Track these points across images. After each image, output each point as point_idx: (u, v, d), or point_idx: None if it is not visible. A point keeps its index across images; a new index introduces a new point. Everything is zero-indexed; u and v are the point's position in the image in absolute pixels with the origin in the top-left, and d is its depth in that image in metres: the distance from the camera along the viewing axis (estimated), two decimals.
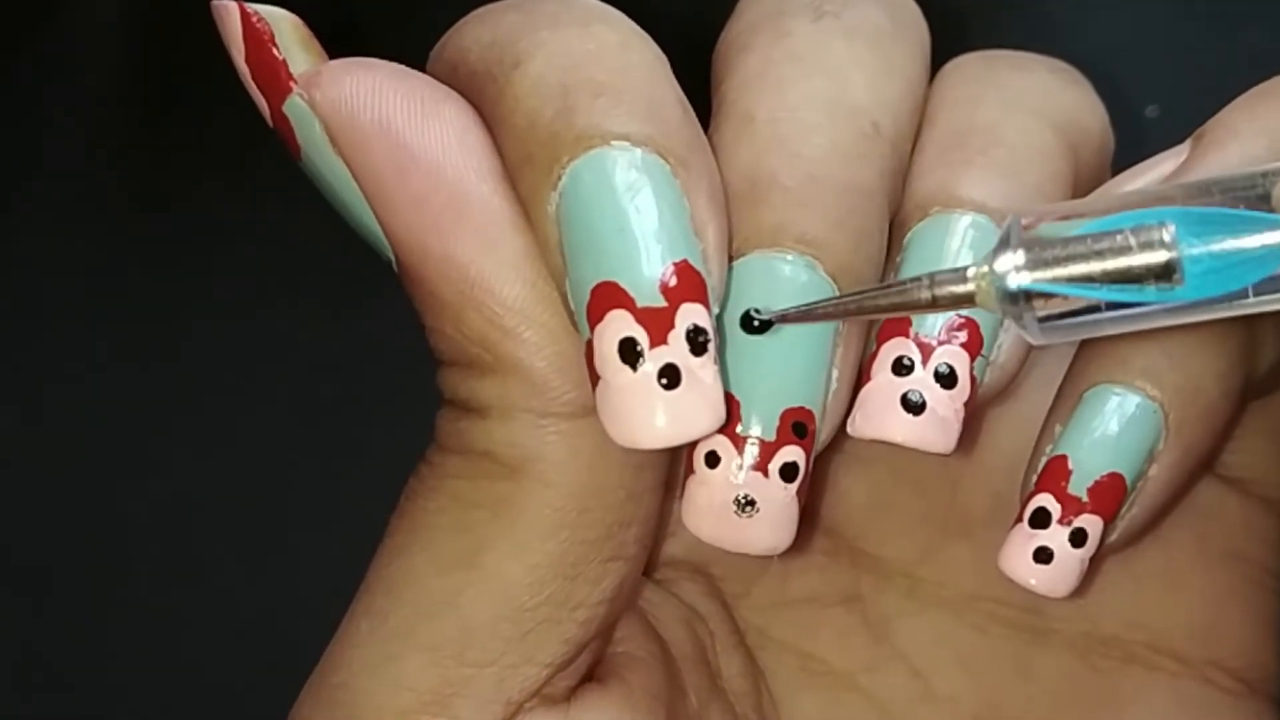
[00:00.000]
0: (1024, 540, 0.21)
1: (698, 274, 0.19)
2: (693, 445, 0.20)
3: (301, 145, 0.20)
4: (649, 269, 0.19)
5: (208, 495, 0.40)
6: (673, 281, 0.19)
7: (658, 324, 0.19)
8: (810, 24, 0.21)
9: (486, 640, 0.20)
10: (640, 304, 0.19)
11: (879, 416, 0.21)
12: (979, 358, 0.21)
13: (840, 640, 0.25)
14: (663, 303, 0.19)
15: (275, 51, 0.20)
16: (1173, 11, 0.42)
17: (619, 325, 0.19)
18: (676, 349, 0.19)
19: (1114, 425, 0.21)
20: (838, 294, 0.20)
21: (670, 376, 0.19)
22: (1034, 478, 0.22)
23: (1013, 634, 0.25)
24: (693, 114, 0.20)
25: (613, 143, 0.19)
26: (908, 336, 0.21)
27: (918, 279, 0.19)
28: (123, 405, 0.41)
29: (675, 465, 0.22)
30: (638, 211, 0.19)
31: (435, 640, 0.20)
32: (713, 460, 0.20)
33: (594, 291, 0.19)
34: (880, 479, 0.25)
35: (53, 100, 0.45)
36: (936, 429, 0.20)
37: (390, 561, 0.21)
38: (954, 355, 0.20)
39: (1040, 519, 0.21)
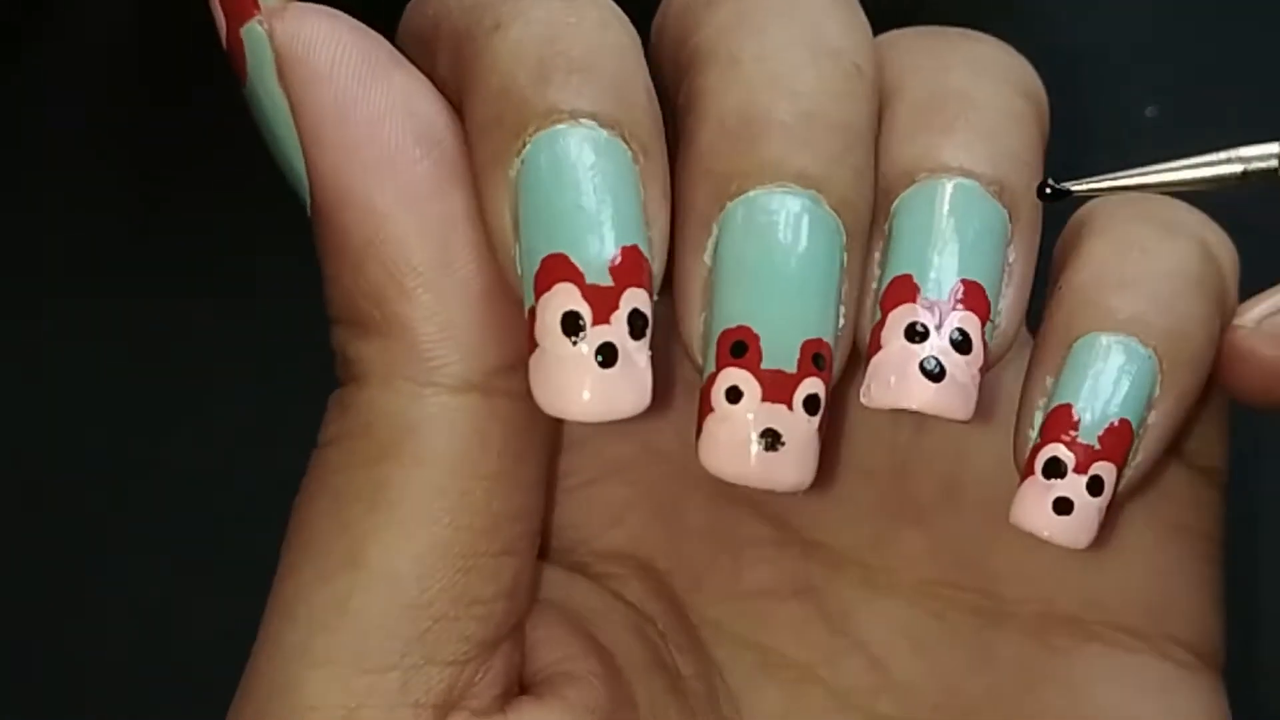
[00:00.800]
0: (1040, 492, 0.21)
1: (645, 260, 0.19)
2: (710, 381, 0.20)
3: (249, 72, 0.20)
4: (601, 248, 0.19)
5: (208, 491, 0.40)
6: (621, 264, 0.19)
7: (603, 302, 0.19)
8: None
9: (382, 643, 0.20)
10: (589, 280, 0.19)
11: (897, 385, 0.20)
12: (987, 323, 0.21)
13: (797, 632, 0.25)
14: (610, 283, 0.19)
15: None
16: (1172, 11, 0.42)
17: (565, 298, 0.19)
18: (617, 329, 0.19)
19: (1113, 372, 0.21)
20: (1148, 168, 0.20)
21: (607, 355, 0.19)
22: (1031, 432, 0.21)
23: (970, 619, 0.25)
24: (657, 103, 0.20)
25: (581, 120, 0.19)
26: (916, 302, 0.20)
27: (1226, 155, 0.19)
28: (122, 404, 0.41)
29: (554, 460, 0.23)
30: (596, 191, 0.19)
31: (331, 653, 0.20)
32: (734, 395, 0.20)
33: (544, 261, 0.19)
34: (826, 467, 0.25)
35: (52, 100, 0.45)
36: (957, 395, 0.20)
37: (280, 584, 0.21)
38: (967, 320, 0.20)
39: (1055, 469, 0.21)
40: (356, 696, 0.20)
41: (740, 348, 0.20)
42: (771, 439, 0.19)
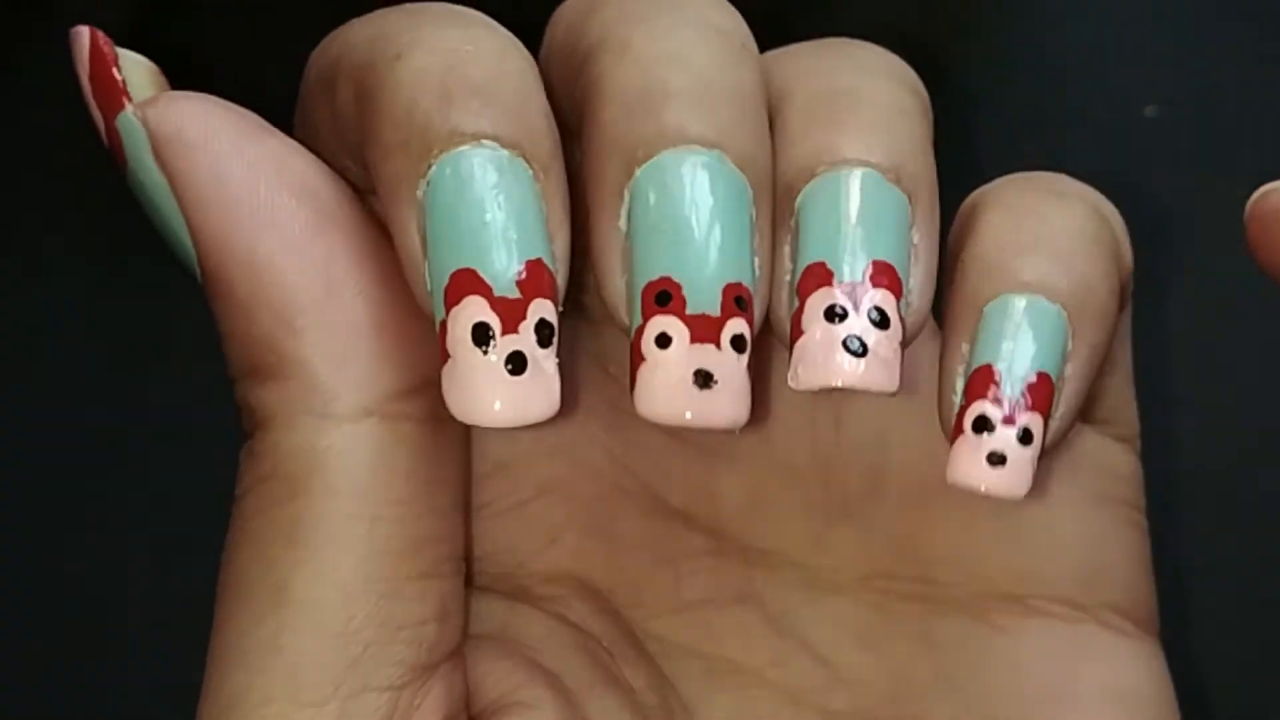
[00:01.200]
0: (972, 448, 0.21)
1: (550, 273, 0.20)
2: (639, 334, 0.20)
3: (128, 158, 0.22)
4: (507, 262, 0.20)
5: (206, 493, 0.40)
6: (527, 277, 0.20)
7: (511, 313, 0.20)
8: None
9: (316, 676, 0.21)
10: (496, 293, 0.20)
11: (822, 365, 0.21)
12: (901, 299, 0.21)
13: (743, 638, 0.25)
14: (517, 295, 0.20)
15: (115, 72, 0.22)
16: (1172, 11, 0.42)
17: (474, 310, 0.20)
18: (525, 339, 0.20)
19: (1026, 329, 0.22)
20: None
21: (516, 363, 0.20)
22: (955, 397, 0.22)
23: (910, 607, 0.25)
24: (554, 125, 0.21)
25: (483, 141, 0.20)
26: (832, 285, 0.21)
27: None
28: (122, 404, 0.41)
29: (466, 483, 0.24)
30: (500, 208, 0.20)
31: (267, 693, 0.21)
32: (664, 341, 0.20)
33: (453, 276, 0.20)
34: (753, 474, 0.25)
35: (51, 100, 0.45)
36: (881, 369, 0.21)
37: (216, 636, 0.21)
38: (882, 298, 0.21)
39: (984, 424, 0.21)
40: None
41: (665, 297, 0.20)
42: (704, 378, 0.20)
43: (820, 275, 0.21)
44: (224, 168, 0.21)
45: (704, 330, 0.20)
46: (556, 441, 0.25)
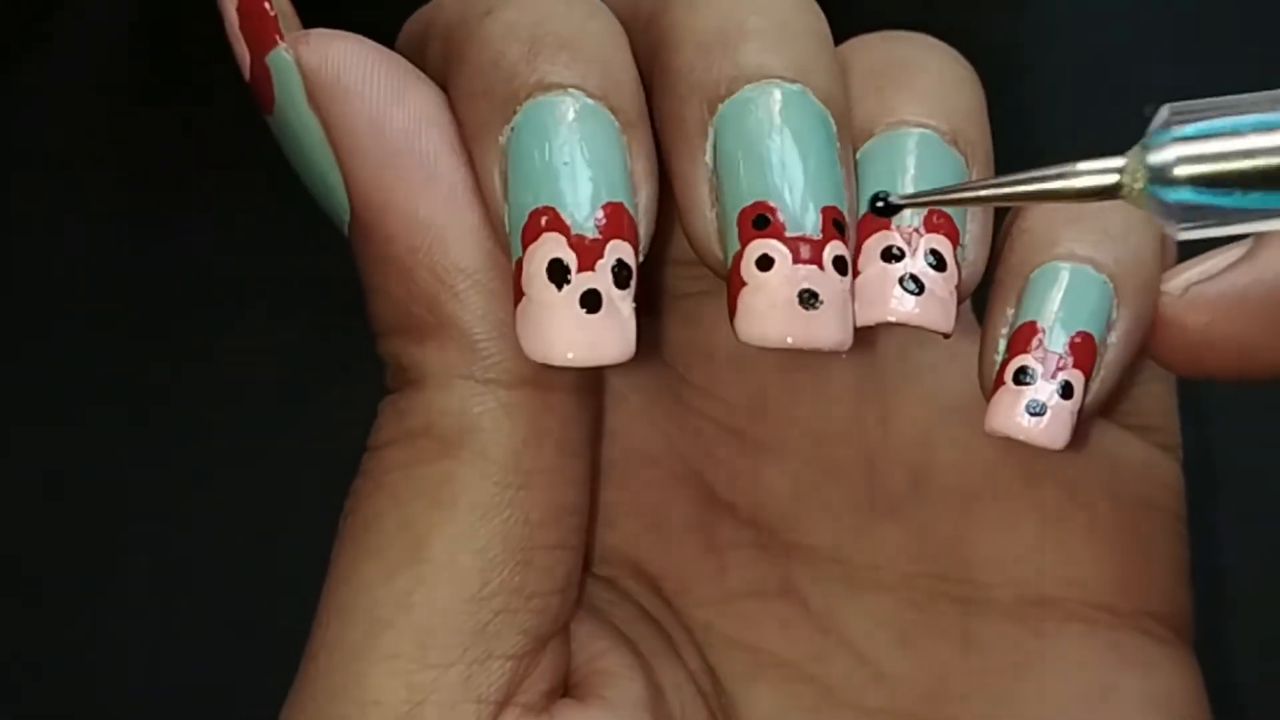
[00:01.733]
0: (1012, 398, 0.22)
1: (630, 217, 0.20)
2: (737, 259, 0.20)
3: (276, 98, 0.21)
4: (587, 201, 0.20)
5: (205, 493, 0.40)
6: (606, 219, 0.20)
7: (588, 252, 0.20)
8: None
9: (445, 638, 0.21)
10: (575, 231, 0.20)
11: (880, 301, 0.21)
12: (959, 246, 0.21)
13: (785, 632, 0.25)
14: (596, 234, 0.20)
15: (268, 6, 0.21)
16: (1172, 11, 0.42)
17: (551, 246, 0.20)
18: (602, 278, 0.20)
19: (1072, 292, 0.22)
20: (972, 179, 0.21)
21: (591, 302, 0.20)
22: (996, 356, 0.22)
23: (951, 607, 0.25)
24: (642, 89, 0.21)
25: (570, 90, 0.20)
26: (890, 228, 0.21)
27: (1062, 168, 0.19)
28: (119, 405, 0.41)
29: (598, 458, 0.23)
30: (584, 150, 0.20)
31: (394, 648, 0.20)
32: (765, 264, 0.20)
33: (532, 214, 0.20)
34: (799, 468, 0.25)
35: (51, 100, 0.45)
36: (937, 308, 0.21)
37: (339, 586, 0.21)
38: (939, 242, 0.21)
39: (1024, 376, 0.22)
40: (421, 691, 0.20)
41: (763, 220, 0.20)
42: (810, 297, 0.20)
43: (877, 220, 0.21)
44: (384, 116, 0.21)
45: (807, 251, 0.20)
46: (615, 426, 0.25)
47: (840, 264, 0.20)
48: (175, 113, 0.44)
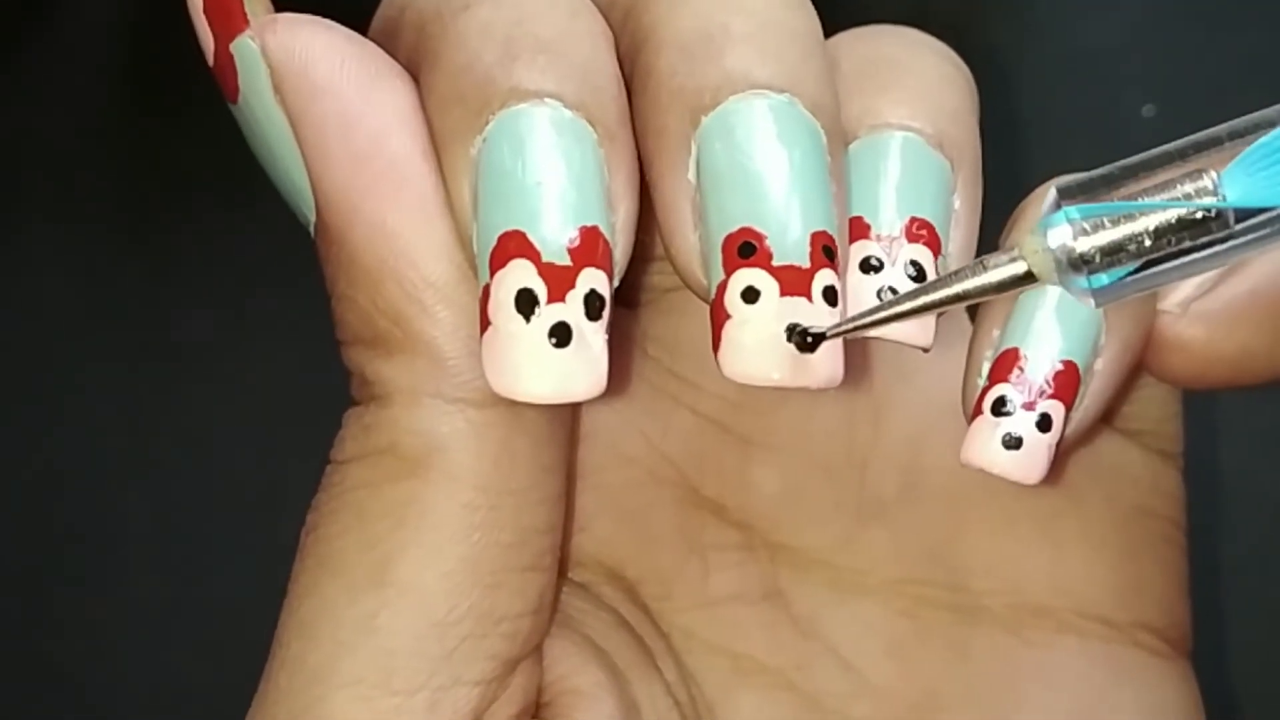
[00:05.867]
0: (988, 429, 0.21)
1: (606, 242, 0.19)
2: (721, 289, 0.19)
3: (241, 88, 0.20)
4: (560, 226, 0.19)
5: (202, 497, 0.40)
6: (580, 244, 0.19)
7: (559, 281, 0.19)
8: None
9: (410, 663, 0.20)
10: (545, 258, 0.19)
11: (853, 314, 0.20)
12: (940, 257, 0.21)
13: (768, 638, 0.24)
14: (567, 262, 0.19)
15: None
16: (1169, 11, 0.42)
17: (520, 274, 0.19)
18: (573, 309, 0.19)
19: (1058, 319, 0.21)
20: (893, 297, 0.20)
21: (561, 335, 0.19)
22: (979, 379, 0.21)
23: (942, 616, 0.24)
24: (624, 92, 0.20)
25: (546, 100, 0.19)
26: (869, 238, 0.20)
27: (974, 264, 0.19)
28: (119, 406, 0.41)
29: (571, 476, 0.22)
30: (558, 169, 0.19)
31: (357, 673, 0.20)
32: (751, 295, 0.19)
33: (501, 238, 0.19)
34: (788, 468, 0.25)
35: (49, 101, 0.44)
36: (915, 321, 0.20)
37: (300, 604, 0.20)
38: (919, 253, 0.20)
39: (1002, 406, 0.21)
40: (383, 718, 0.20)
41: (748, 248, 0.19)
42: (799, 333, 0.19)
43: (857, 228, 0.20)
44: (353, 115, 0.19)
45: (794, 283, 0.19)
46: (591, 426, 0.24)
47: (830, 295, 0.19)
48: (176, 109, 0.44)
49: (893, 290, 0.20)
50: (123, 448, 0.40)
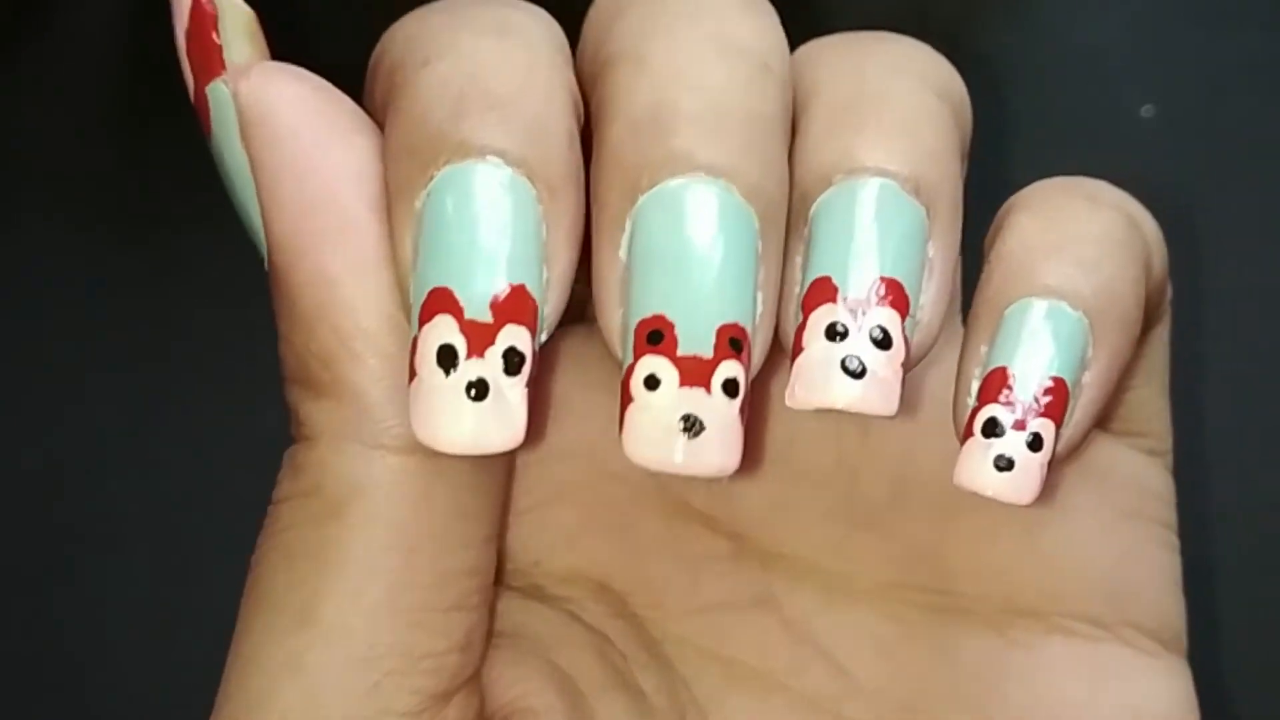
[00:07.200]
0: (980, 451, 0.21)
1: (531, 299, 0.20)
2: (629, 372, 0.20)
3: (213, 127, 0.21)
4: (484, 284, 0.19)
5: (201, 499, 0.40)
6: (504, 301, 0.19)
7: (479, 337, 0.19)
8: None
9: (335, 699, 0.21)
10: (468, 315, 0.19)
11: (820, 384, 0.20)
12: (908, 318, 0.21)
13: (760, 643, 0.25)
14: (489, 319, 0.19)
15: (214, 36, 0.21)
16: (1168, 11, 0.42)
17: (443, 330, 0.19)
18: (490, 365, 0.19)
19: (1045, 334, 0.21)
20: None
21: (479, 389, 0.19)
22: (969, 399, 0.22)
23: (930, 618, 0.25)
24: (578, 147, 0.21)
25: (488, 157, 0.20)
26: (836, 302, 0.21)
27: None
28: (119, 406, 0.41)
29: (500, 518, 0.23)
30: (490, 228, 0.20)
31: (287, 706, 0.21)
32: (653, 383, 0.20)
33: (431, 293, 0.20)
34: (776, 477, 0.25)
35: (49, 101, 0.44)
36: (879, 392, 0.20)
37: (239, 640, 0.21)
38: (887, 317, 0.20)
39: (993, 428, 0.21)
40: None
41: (656, 336, 0.20)
42: (692, 423, 0.20)
43: (825, 290, 0.21)
44: (309, 167, 0.20)
45: (694, 374, 0.20)
46: (578, 443, 0.25)
47: (730, 387, 0.20)
48: (176, 109, 0.44)
49: (857, 362, 0.20)
50: (123, 448, 0.40)
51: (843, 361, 0.20)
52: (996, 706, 0.24)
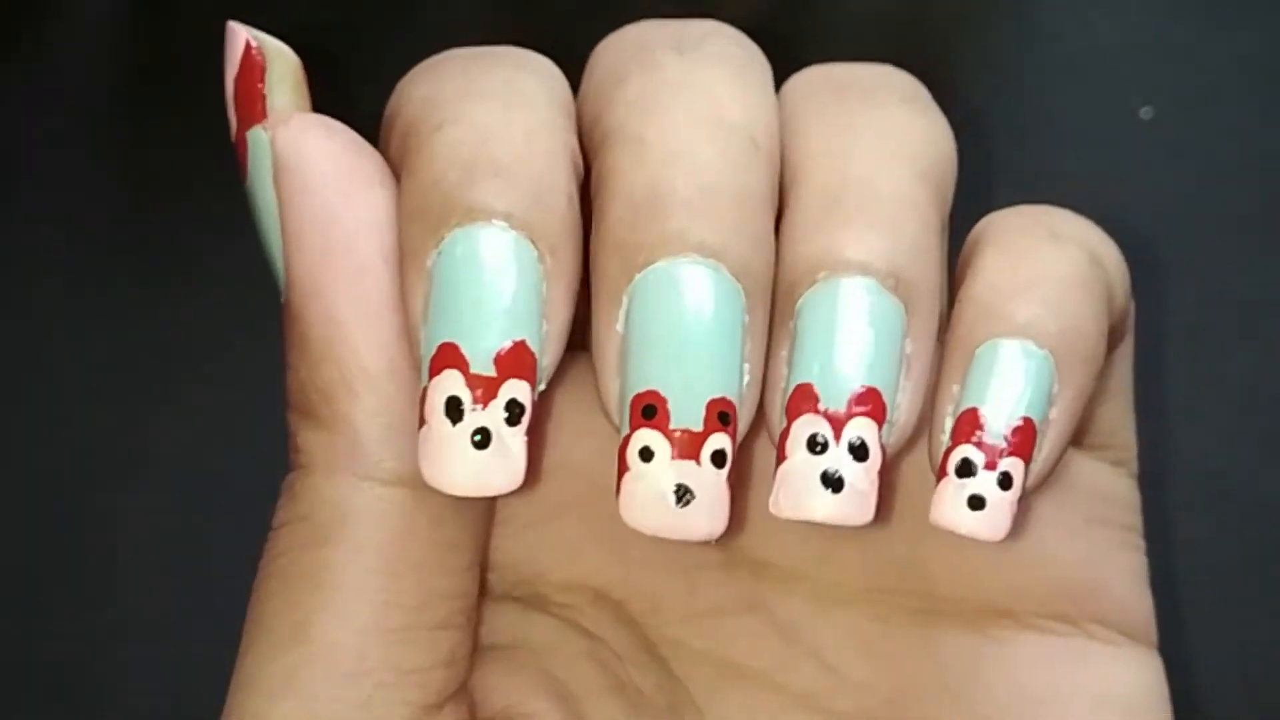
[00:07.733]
0: (954, 492, 0.23)
1: (531, 355, 0.22)
2: (625, 443, 0.22)
3: (249, 170, 0.23)
4: (488, 341, 0.22)
5: (202, 495, 0.40)
6: (506, 356, 0.21)
7: (484, 390, 0.21)
8: (677, 57, 0.23)
9: (330, 711, 0.22)
10: (473, 369, 0.21)
11: (801, 497, 0.22)
12: (885, 424, 0.23)
13: (753, 645, 0.26)
14: (493, 373, 0.21)
15: (260, 85, 0.23)
16: (1166, 12, 0.42)
17: (450, 383, 0.21)
18: (494, 415, 0.21)
19: (1014, 375, 0.23)
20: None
21: (483, 437, 0.21)
22: (943, 437, 0.23)
23: (912, 619, 0.26)
24: (577, 205, 0.22)
25: (494, 220, 0.22)
26: (817, 412, 0.22)
27: None
28: (117, 405, 0.41)
29: (483, 546, 0.25)
30: (495, 289, 0.22)
31: None
32: (647, 455, 0.22)
33: (440, 348, 0.22)
34: (765, 493, 0.26)
35: (47, 101, 0.44)
36: (855, 504, 0.22)
37: (241, 658, 0.23)
38: (864, 427, 0.22)
39: (966, 469, 0.23)
40: None
41: (650, 410, 0.22)
42: (683, 493, 0.22)
43: (806, 399, 0.22)
44: (332, 215, 0.22)
45: (685, 447, 0.22)
46: (581, 461, 0.26)
47: (718, 458, 0.22)
48: (176, 109, 0.44)
49: (836, 476, 0.22)
50: (122, 448, 0.40)
51: (823, 474, 0.22)
52: (976, 696, 0.26)
